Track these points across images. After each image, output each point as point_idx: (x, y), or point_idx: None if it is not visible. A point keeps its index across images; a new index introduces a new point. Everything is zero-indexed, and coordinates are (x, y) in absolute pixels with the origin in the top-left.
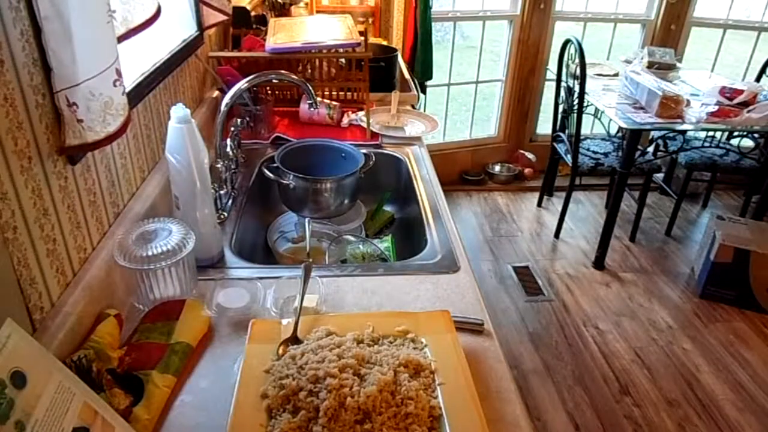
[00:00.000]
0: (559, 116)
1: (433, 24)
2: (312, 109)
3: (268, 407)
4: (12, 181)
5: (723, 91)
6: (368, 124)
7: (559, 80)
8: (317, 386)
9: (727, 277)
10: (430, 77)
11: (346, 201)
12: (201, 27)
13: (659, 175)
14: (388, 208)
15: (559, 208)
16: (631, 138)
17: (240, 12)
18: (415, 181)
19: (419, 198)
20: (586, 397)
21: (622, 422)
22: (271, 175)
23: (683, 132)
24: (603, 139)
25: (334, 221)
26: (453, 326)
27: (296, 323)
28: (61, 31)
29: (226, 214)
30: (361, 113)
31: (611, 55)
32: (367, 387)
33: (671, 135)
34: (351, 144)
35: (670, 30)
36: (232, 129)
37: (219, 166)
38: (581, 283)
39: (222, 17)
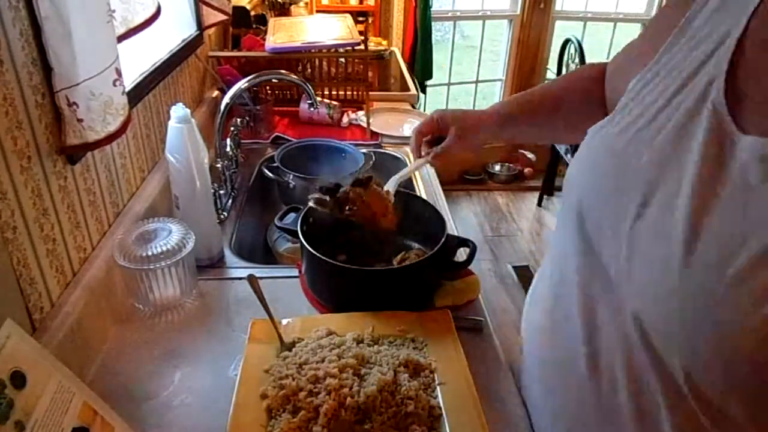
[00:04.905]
0: None
1: (433, 23)
2: (312, 108)
3: (268, 407)
4: (12, 181)
5: None
6: (368, 123)
7: None
8: (317, 386)
9: None
10: (430, 77)
11: None
12: (201, 27)
13: None
14: None
15: (560, 208)
16: None
17: (240, 12)
18: (415, 181)
19: None
20: None
21: None
22: (271, 174)
23: None
24: None
25: None
26: (453, 326)
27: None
28: (61, 31)
29: (226, 213)
30: (361, 113)
31: (611, 55)
32: (366, 387)
33: None
34: (351, 144)
35: None
36: (232, 129)
37: (219, 165)
38: None
39: (222, 17)
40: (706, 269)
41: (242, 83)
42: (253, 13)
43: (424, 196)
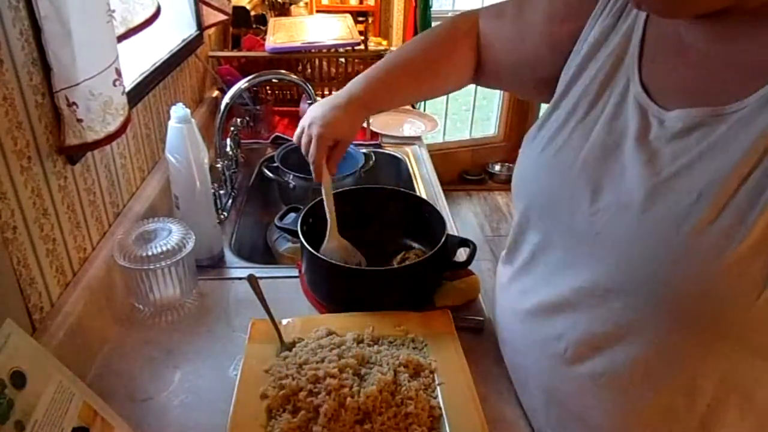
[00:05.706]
0: None
1: (432, 23)
2: None
3: (268, 407)
4: (11, 181)
5: None
6: (368, 123)
7: None
8: (317, 386)
9: None
10: None
11: None
12: (201, 27)
13: None
14: None
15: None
16: None
17: (240, 11)
18: (415, 181)
19: None
20: None
21: None
22: (271, 174)
23: None
24: None
25: None
26: (453, 326)
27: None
28: (60, 31)
29: (226, 214)
30: None
31: None
32: (367, 387)
33: None
34: (351, 144)
35: None
36: (232, 129)
37: (219, 165)
38: None
39: (222, 17)
40: (662, 224)
41: (242, 83)
42: (253, 13)
43: (424, 196)
